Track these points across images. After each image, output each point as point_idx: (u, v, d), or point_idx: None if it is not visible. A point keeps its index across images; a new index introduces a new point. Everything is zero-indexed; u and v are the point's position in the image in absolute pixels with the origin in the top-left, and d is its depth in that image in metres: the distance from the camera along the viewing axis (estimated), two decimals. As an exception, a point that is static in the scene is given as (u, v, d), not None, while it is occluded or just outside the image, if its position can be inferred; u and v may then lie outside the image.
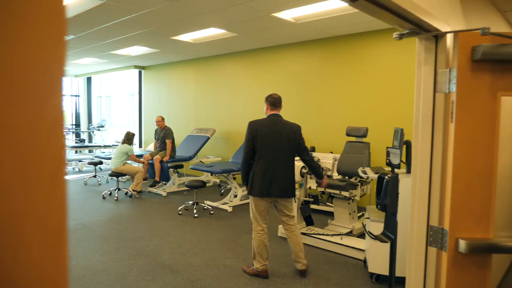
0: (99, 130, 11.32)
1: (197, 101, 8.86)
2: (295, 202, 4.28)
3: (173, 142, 7.26)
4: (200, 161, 7.67)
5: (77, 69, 11.23)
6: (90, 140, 12.58)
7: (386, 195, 2.26)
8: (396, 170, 2.70)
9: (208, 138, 7.73)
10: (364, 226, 3.51)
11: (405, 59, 5.51)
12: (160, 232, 4.79)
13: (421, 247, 1.80)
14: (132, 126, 11.51)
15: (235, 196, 6.34)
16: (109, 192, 6.92)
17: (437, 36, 1.78)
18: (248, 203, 6.44)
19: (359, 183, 4.46)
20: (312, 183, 5.19)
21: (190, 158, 7.42)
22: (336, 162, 5.22)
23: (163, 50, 7.69)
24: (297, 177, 4.49)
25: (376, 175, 3.03)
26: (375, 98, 5.87)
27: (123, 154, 6.77)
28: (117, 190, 6.73)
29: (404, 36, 1.72)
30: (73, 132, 12.11)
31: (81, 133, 12.60)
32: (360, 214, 5.16)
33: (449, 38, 1.73)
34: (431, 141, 1.81)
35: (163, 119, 7.36)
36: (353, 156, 4.81)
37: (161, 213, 5.69)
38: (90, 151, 11.68)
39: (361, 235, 4.49)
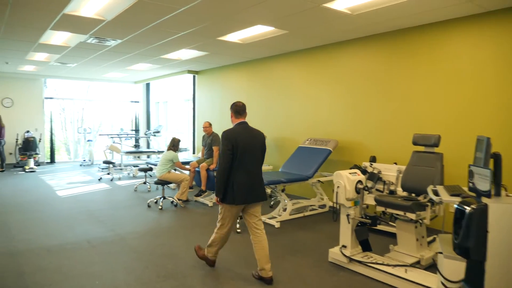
0: (154, 135, 11.37)
1: (249, 105, 8.35)
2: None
3: (220, 148, 6.85)
4: (249, 169, 7.18)
5: (135, 76, 11.40)
6: (148, 146, 12.74)
7: (469, 235, 1.55)
8: (484, 199, 1.93)
9: (258, 145, 7.23)
10: (435, 262, 2.73)
11: (489, 52, 4.55)
12: (197, 249, 4.35)
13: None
14: (187, 132, 11.42)
15: (284, 210, 5.74)
16: (154, 200, 6.69)
17: None
18: (297, 218, 5.82)
19: (429, 203, 3.65)
20: (369, 199, 4.45)
21: (238, 166, 6.96)
22: (401, 176, 4.42)
23: (212, 52, 7.35)
24: (352, 193, 3.80)
25: (453, 199, 2.28)
26: (449, 100, 4.93)
27: (168, 161, 6.49)
28: (162, 198, 6.47)
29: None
30: (131, 138, 12.33)
31: (139, 138, 12.80)
32: (431, 238, 4.30)
33: None
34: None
35: (210, 124, 6.99)
36: (422, 169, 3.99)
37: (203, 226, 5.27)
38: (148, 157, 11.78)
39: (432, 266, 3.67)
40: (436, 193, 2.80)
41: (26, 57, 8.11)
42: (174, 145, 6.67)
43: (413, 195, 4.03)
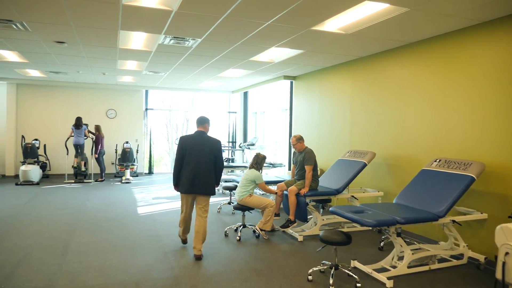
0: (249, 148, 10.45)
1: (353, 116, 6.83)
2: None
3: (315, 169, 5.46)
4: (352, 196, 5.62)
5: (231, 84, 10.73)
6: (243, 159, 11.93)
7: None
8: None
9: (365, 165, 5.61)
10: None
11: None
12: (267, 317, 3.04)
13: None
14: (283, 145, 10.26)
15: (400, 258, 4.08)
16: (234, 228, 5.60)
17: None
18: (419, 272, 4.11)
19: None
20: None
21: (338, 191, 5.46)
22: None
23: (308, 50, 6.04)
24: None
25: None
26: None
27: (249, 181, 5.34)
28: (241, 227, 5.34)
29: None
30: (224, 151, 11.63)
31: (234, 151, 12.07)
32: None
33: None
34: None
35: (298, 140, 5.56)
36: None
37: (285, 274, 3.93)
38: (232, 171, 10.91)
39: None
40: None
41: (117, 66, 7.90)
42: (258, 162, 5.51)
43: None
